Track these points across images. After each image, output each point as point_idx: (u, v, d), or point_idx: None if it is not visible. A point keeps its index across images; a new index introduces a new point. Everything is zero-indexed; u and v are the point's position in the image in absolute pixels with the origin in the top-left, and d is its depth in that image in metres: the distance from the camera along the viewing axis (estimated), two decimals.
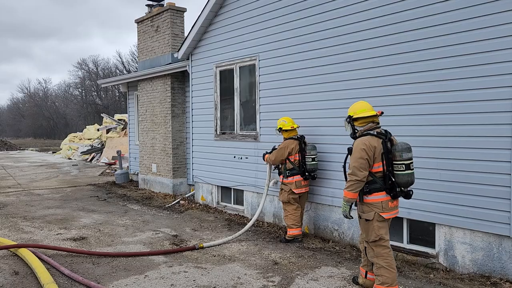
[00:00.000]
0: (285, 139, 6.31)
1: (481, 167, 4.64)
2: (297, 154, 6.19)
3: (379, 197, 4.05)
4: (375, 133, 4.12)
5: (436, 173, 5.01)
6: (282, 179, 6.31)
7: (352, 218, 4.33)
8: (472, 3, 4.65)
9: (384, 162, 4.03)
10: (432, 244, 5.18)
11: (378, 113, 4.27)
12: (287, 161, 6.22)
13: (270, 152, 6.56)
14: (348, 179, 4.09)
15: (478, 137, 4.66)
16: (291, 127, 6.27)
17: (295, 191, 6.15)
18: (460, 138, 4.81)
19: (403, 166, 3.96)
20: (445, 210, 4.93)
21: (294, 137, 6.27)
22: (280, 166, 6.42)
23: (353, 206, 4.24)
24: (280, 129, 6.31)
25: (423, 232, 5.33)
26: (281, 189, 6.32)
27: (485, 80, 4.59)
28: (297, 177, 6.18)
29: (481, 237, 4.68)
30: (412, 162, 3.98)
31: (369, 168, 4.04)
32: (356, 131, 4.27)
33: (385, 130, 4.19)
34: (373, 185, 4.07)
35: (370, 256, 4.20)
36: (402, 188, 4.07)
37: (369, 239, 4.13)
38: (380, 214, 4.04)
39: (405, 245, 5.45)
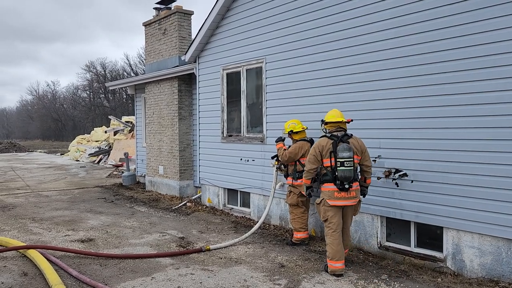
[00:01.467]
0: (296, 141, 6.27)
1: (490, 171, 4.60)
2: None
3: (328, 187, 5.01)
4: (329, 135, 5.08)
5: (444, 176, 4.98)
6: (292, 181, 6.28)
7: (311, 196, 5.48)
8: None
9: (332, 159, 4.94)
10: (440, 248, 5.14)
11: (347, 121, 5.22)
12: (297, 163, 6.20)
13: (275, 156, 6.58)
14: (304, 169, 5.28)
15: (487, 140, 4.63)
16: (302, 128, 6.27)
17: (304, 193, 6.14)
18: (469, 141, 4.77)
19: (339, 163, 4.85)
20: (453, 214, 4.90)
21: (306, 139, 6.25)
22: (287, 168, 6.40)
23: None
24: (291, 132, 6.28)
25: (430, 236, 5.30)
26: (290, 192, 6.31)
27: (495, 83, 4.56)
28: None
29: (489, 241, 4.64)
30: (347, 161, 4.80)
31: (320, 163, 5.07)
32: (324, 132, 5.23)
33: (344, 134, 5.05)
34: (325, 177, 5.05)
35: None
36: (342, 182, 4.88)
37: (320, 218, 5.19)
38: (327, 200, 4.99)
39: (412, 248, 5.42)
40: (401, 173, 5.39)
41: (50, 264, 5.03)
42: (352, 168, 4.83)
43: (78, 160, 22.53)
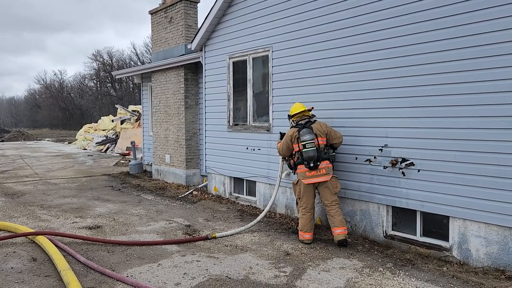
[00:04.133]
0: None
1: (497, 160, 4.56)
2: None
3: (301, 168, 5.75)
4: (295, 124, 5.86)
5: (451, 165, 4.95)
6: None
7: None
8: None
9: (299, 144, 5.70)
10: (445, 237, 5.13)
11: (309, 109, 5.96)
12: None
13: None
14: None
15: (495, 129, 4.58)
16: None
17: None
18: (477, 130, 4.73)
19: (302, 145, 5.65)
20: (459, 203, 4.88)
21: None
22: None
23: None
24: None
25: (436, 225, 5.29)
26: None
27: (504, 71, 4.49)
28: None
29: (496, 230, 4.62)
30: (308, 143, 5.58)
31: (292, 150, 5.84)
32: (293, 124, 5.94)
33: (307, 121, 5.79)
34: (298, 160, 5.79)
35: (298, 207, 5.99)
36: (308, 162, 5.62)
37: (296, 196, 6.00)
38: (302, 180, 5.74)
39: (418, 237, 5.41)
40: (407, 162, 5.37)
41: (59, 250, 5.10)
42: (314, 148, 5.58)
43: (86, 149, 22.69)
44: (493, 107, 4.59)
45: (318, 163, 5.61)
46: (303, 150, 5.60)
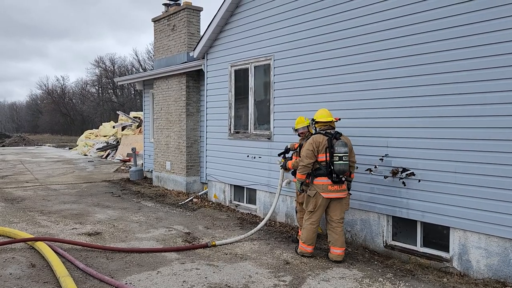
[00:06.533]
0: (311, 134, 5.90)
1: (498, 171, 4.57)
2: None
3: (322, 181, 5.33)
4: (324, 132, 5.40)
5: (452, 176, 4.95)
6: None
7: (304, 192, 5.59)
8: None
9: (327, 154, 5.27)
10: (446, 248, 5.12)
11: (335, 119, 5.54)
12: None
13: (282, 153, 6.49)
14: (299, 164, 5.47)
15: (495, 141, 4.59)
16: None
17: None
18: (477, 141, 4.74)
19: (337, 157, 5.18)
20: (460, 214, 4.87)
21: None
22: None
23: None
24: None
25: (437, 236, 5.27)
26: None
27: (504, 83, 4.51)
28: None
29: (496, 242, 4.61)
30: (344, 155, 5.16)
31: (316, 158, 5.32)
32: (315, 130, 5.64)
33: (336, 132, 5.38)
34: (319, 171, 5.36)
35: (303, 218, 5.63)
36: (338, 175, 5.24)
37: (307, 208, 5.49)
38: (320, 193, 5.31)
39: (418, 248, 5.39)
40: (408, 172, 5.37)
41: (58, 256, 5.08)
42: (348, 162, 5.23)
43: (86, 155, 22.70)
44: (494, 118, 4.60)
45: (346, 177, 5.35)
46: (336, 162, 5.18)
